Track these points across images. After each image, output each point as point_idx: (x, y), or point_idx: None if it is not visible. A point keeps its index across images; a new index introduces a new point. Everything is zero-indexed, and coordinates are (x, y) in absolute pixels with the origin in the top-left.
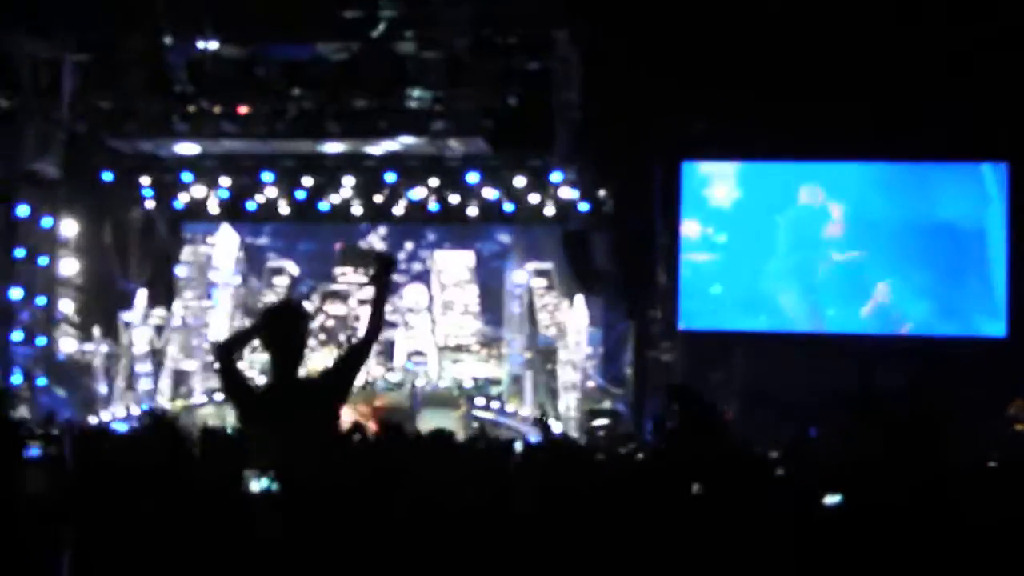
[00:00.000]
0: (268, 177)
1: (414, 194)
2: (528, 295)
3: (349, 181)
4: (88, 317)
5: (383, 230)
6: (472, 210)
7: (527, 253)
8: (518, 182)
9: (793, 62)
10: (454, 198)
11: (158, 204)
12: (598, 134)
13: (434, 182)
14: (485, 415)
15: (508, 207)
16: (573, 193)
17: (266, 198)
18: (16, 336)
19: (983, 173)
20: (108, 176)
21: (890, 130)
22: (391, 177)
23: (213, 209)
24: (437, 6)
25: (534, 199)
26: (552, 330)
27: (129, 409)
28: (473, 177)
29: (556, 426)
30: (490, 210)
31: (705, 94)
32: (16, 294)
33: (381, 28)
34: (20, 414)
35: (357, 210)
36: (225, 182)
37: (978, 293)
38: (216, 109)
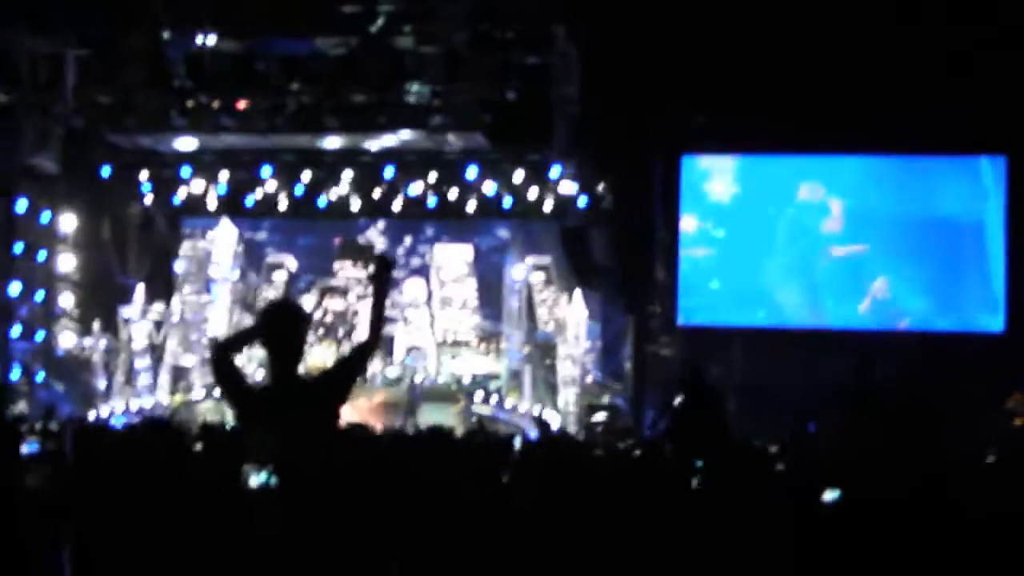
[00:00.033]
0: (267, 172)
1: (413, 189)
2: (527, 290)
3: (348, 176)
4: (87, 312)
5: (382, 225)
6: (471, 205)
7: (526, 248)
8: (517, 177)
9: (791, 55)
10: (453, 193)
11: (157, 199)
12: (597, 129)
13: (433, 177)
14: (484, 410)
15: (507, 202)
16: (572, 188)
17: (265, 193)
18: (15, 331)
19: (981, 167)
20: (107, 171)
21: (889, 124)
22: (390, 172)
23: (212, 204)
24: (435, 1)
25: (533, 194)
26: (551, 325)
27: (128, 404)
28: (472, 172)
29: (555, 421)
30: (489, 205)
31: (704, 88)
32: (15, 289)
33: (379, 23)
34: (19, 409)
35: (356, 205)
36: (224, 177)
37: (976, 288)
38: (215, 104)
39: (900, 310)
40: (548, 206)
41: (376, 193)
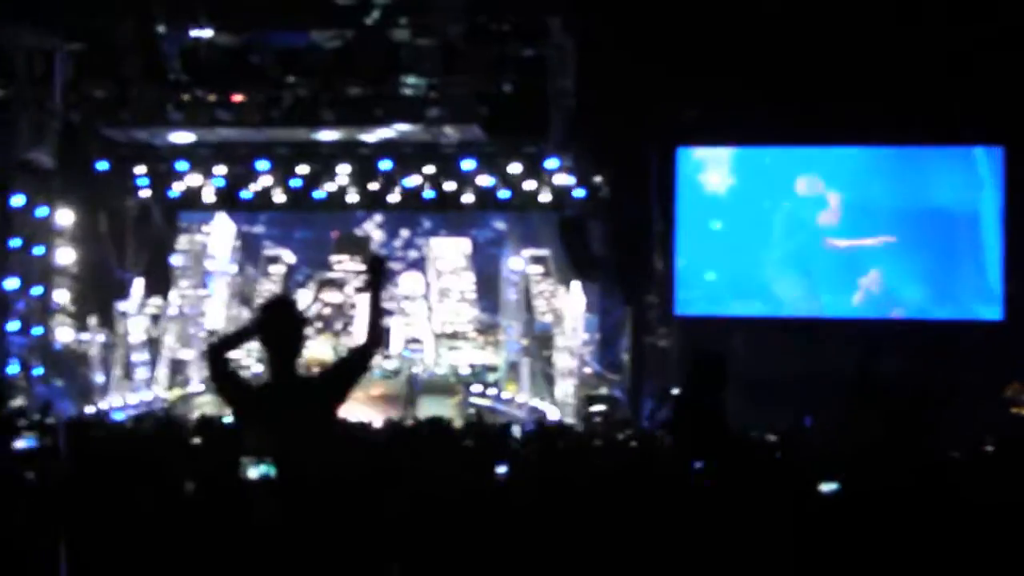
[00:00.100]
0: (263, 165)
1: (409, 181)
2: (524, 282)
3: (344, 169)
4: (84, 307)
5: (379, 218)
6: (468, 197)
7: (523, 240)
8: (513, 169)
9: (787, 47)
10: (449, 185)
11: (153, 193)
12: (593, 121)
13: (429, 169)
14: (482, 402)
15: (504, 194)
16: (569, 180)
17: (261, 186)
18: (12, 326)
19: (976, 157)
20: (103, 165)
21: (885, 115)
22: (386, 164)
23: (209, 198)
24: None
25: (530, 186)
26: (548, 317)
27: (126, 399)
28: (468, 164)
29: (553, 412)
30: (486, 197)
31: (700, 80)
32: (12, 284)
33: (375, 15)
34: (17, 404)
35: (352, 198)
36: (220, 170)
37: (972, 277)
38: (211, 97)
39: (894, 300)
40: (545, 198)
41: (373, 186)
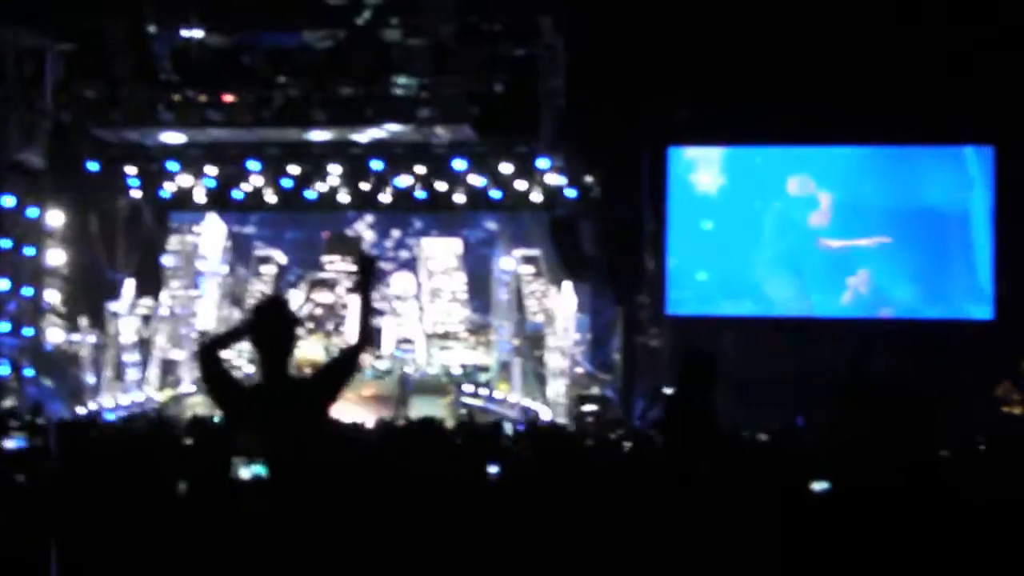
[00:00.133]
0: (254, 166)
1: (401, 181)
2: (516, 282)
3: (335, 169)
4: (75, 307)
5: (370, 218)
6: (459, 197)
7: (514, 240)
8: (505, 169)
9: (779, 47)
10: (441, 185)
11: (144, 193)
12: (584, 120)
13: (421, 169)
14: (474, 402)
15: (495, 194)
16: (560, 180)
17: (252, 187)
18: (3, 327)
19: (966, 157)
20: (94, 166)
21: (876, 115)
22: (378, 165)
23: (200, 198)
24: None
25: (521, 186)
26: (540, 317)
27: (117, 399)
28: (460, 164)
29: (545, 412)
30: (477, 197)
31: (692, 79)
32: (2, 285)
33: (366, 15)
34: (8, 404)
35: (344, 198)
36: (211, 171)
37: (963, 277)
38: (202, 98)
39: (883, 300)
40: (536, 198)
41: (364, 186)
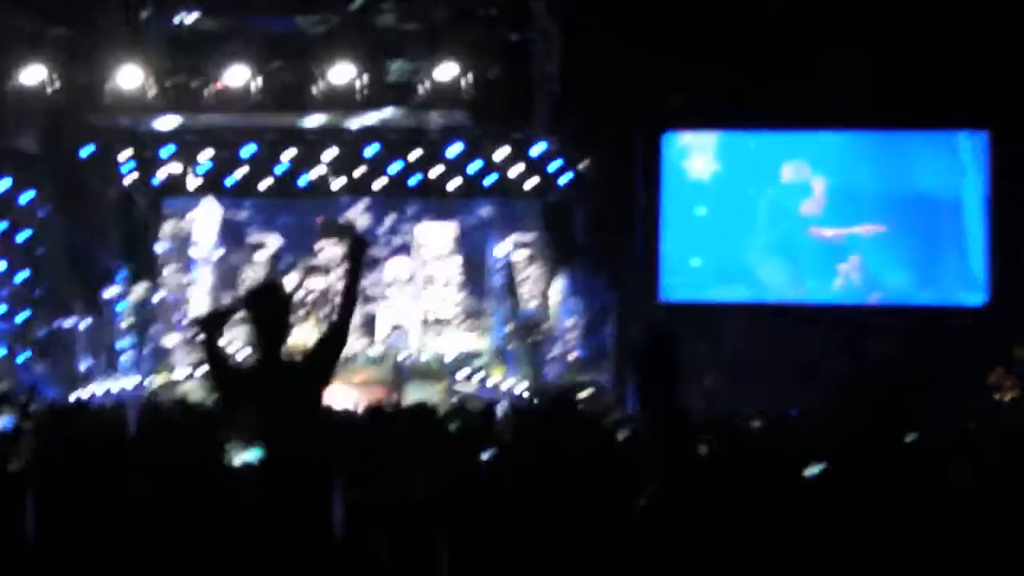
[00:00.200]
0: (248, 151)
1: (395, 167)
2: (510, 268)
3: (329, 154)
4: (69, 293)
5: (364, 203)
6: (454, 183)
7: (509, 225)
8: (500, 154)
9: (772, 31)
10: (436, 171)
11: (138, 179)
12: (578, 106)
13: (415, 155)
14: (468, 388)
15: (490, 179)
16: (554, 165)
17: (246, 172)
18: None
19: (959, 142)
20: (87, 151)
21: (870, 99)
22: (372, 150)
23: (193, 184)
24: None
25: (516, 171)
26: (534, 302)
27: (111, 385)
28: (455, 149)
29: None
30: (472, 182)
31: (686, 64)
32: None
33: (360, 0)
34: (2, 388)
35: (338, 183)
36: (204, 156)
37: (955, 263)
38: (195, 83)
39: (874, 286)
40: (531, 183)
41: (358, 171)
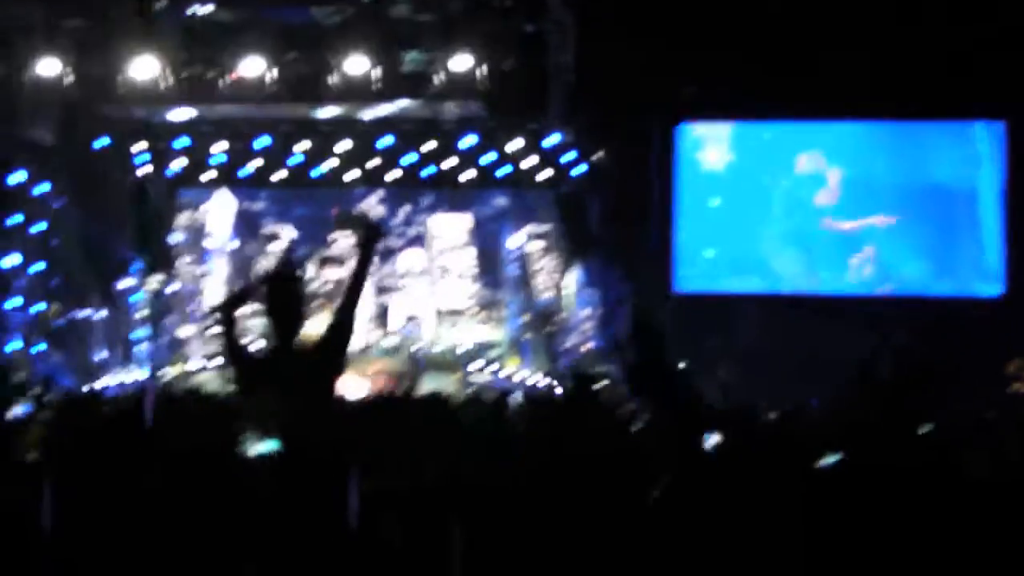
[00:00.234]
0: (262, 142)
1: (409, 158)
2: (525, 258)
3: (344, 145)
4: (84, 284)
5: (379, 194)
6: (468, 174)
7: (524, 216)
8: (514, 145)
9: (788, 20)
10: (450, 162)
11: (153, 170)
12: (593, 97)
13: (430, 146)
14: (483, 379)
15: (504, 170)
16: (569, 156)
17: (261, 163)
18: (13, 303)
19: (975, 133)
20: (102, 142)
21: (886, 90)
22: (386, 141)
23: (208, 175)
24: None
25: (531, 162)
26: (549, 293)
27: (126, 375)
28: (469, 140)
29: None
30: (487, 173)
31: (701, 55)
32: (12, 261)
33: None
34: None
35: (352, 175)
36: (219, 148)
37: (971, 254)
38: (209, 74)
39: (889, 277)
40: (545, 174)
41: (372, 163)
